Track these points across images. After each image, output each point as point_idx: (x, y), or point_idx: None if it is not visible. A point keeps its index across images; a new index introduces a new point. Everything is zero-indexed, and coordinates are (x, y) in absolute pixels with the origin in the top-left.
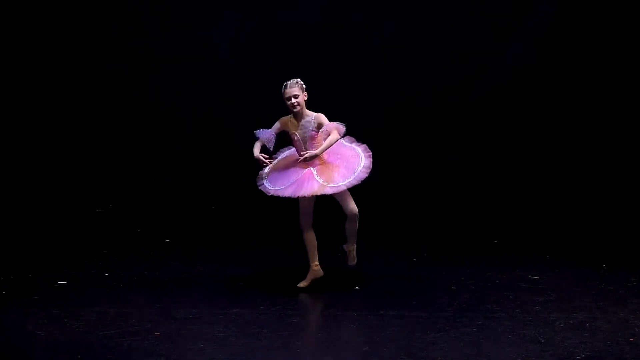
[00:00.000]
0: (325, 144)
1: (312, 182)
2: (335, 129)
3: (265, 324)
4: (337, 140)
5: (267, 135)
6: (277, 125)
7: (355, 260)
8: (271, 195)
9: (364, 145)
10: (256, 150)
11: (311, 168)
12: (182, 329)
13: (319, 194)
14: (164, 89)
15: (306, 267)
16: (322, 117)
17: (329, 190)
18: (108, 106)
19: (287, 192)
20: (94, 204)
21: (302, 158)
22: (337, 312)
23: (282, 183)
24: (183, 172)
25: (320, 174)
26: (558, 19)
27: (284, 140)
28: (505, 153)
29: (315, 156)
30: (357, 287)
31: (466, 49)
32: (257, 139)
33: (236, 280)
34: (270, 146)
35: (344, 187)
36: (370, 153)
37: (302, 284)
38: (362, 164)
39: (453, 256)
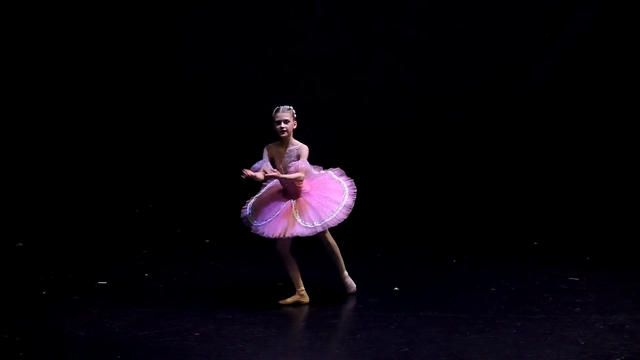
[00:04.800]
0: (288, 175)
1: (288, 221)
2: (304, 170)
3: (305, 324)
4: (297, 178)
5: (263, 164)
6: (265, 152)
7: (354, 287)
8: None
9: (351, 181)
10: (260, 175)
11: (292, 201)
12: (222, 329)
13: (293, 235)
14: (207, 88)
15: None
16: (304, 150)
17: (304, 231)
18: (148, 107)
19: (265, 232)
20: (134, 205)
21: (267, 175)
22: (376, 313)
23: (263, 218)
24: (226, 171)
25: (299, 208)
26: (597, 23)
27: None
28: (548, 155)
29: (276, 178)
30: (396, 289)
31: (505, 51)
32: (256, 170)
33: (275, 281)
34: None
35: (321, 229)
36: (356, 190)
37: (282, 301)
38: (344, 203)
39: (493, 258)
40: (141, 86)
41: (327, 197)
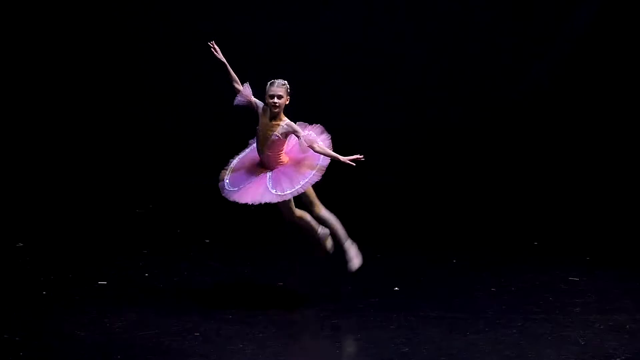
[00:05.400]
0: (328, 151)
1: (258, 189)
2: (314, 141)
3: (305, 324)
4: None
5: (247, 92)
6: (258, 102)
7: (356, 262)
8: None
9: (329, 139)
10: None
11: (267, 173)
12: (222, 329)
13: (261, 202)
14: (207, 88)
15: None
16: (294, 125)
17: (274, 198)
18: (148, 107)
19: (235, 198)
20: (134, 205)
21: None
22: (376, 313)
23: (237, 184)
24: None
25: (274, 179)
26: (597, 23)
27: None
28: (549, 154)
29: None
30: (396, 288)
31: (505, 51)
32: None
33: (275, 281)
34: (240, 99)
35: (290, 196)
36: (330, 144)
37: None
38: (318, 166)
39: (493, 258)
40: (141, 86)
41: (303, 164)
